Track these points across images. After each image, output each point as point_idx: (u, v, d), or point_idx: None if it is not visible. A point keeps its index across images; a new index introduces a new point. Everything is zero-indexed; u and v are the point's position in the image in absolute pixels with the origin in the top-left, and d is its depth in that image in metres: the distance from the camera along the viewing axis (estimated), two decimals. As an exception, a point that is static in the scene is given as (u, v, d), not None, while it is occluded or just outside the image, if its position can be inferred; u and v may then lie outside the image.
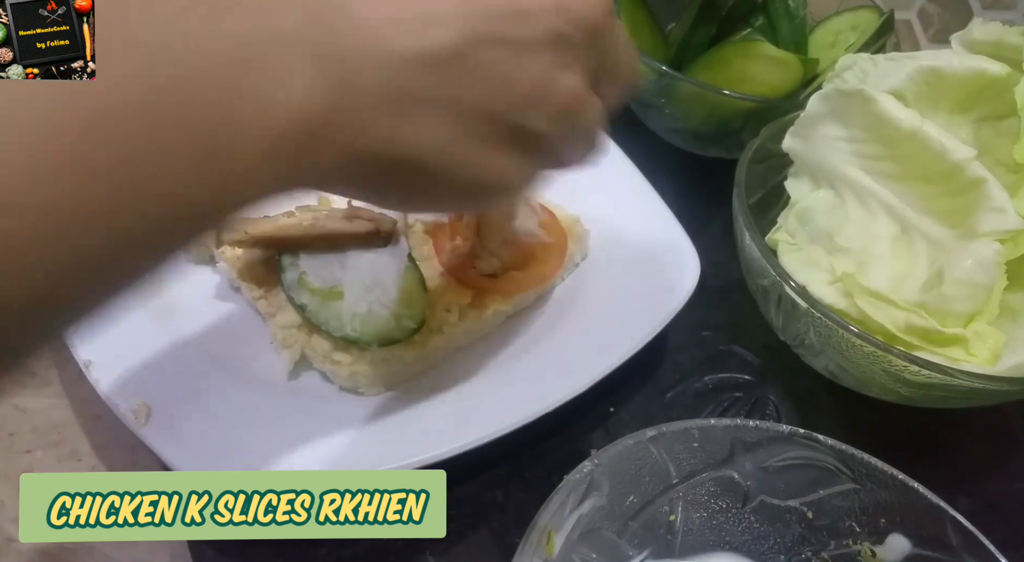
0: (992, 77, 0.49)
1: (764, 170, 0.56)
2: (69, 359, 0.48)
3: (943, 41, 0.73)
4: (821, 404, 0.56)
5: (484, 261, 0.50)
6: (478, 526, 0.46)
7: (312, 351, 0.47)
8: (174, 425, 0.43)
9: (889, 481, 0.38)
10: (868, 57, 0.52)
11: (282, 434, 0.44)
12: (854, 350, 0.46)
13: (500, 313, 0.52)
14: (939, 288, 0.47)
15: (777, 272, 0.48)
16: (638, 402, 0.54)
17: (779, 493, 0.40)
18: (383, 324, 0.46)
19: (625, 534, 0.39)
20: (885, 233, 0.50)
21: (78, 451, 0.48)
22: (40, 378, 0.50)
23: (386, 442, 0.44)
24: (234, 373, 0.46)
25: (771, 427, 0.39)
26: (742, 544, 0.41)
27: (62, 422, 0.49)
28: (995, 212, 0.46)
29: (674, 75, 0.61)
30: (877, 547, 0.39)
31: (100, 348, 0.44)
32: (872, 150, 0.50)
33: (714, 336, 0.59)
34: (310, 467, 0.42)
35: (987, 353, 0.47)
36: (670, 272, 0.55)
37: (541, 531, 0.33)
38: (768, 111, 0.59)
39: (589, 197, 0.60)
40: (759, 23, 0.68)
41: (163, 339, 0.47)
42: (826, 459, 0.39)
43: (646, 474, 0.38)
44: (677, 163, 0.69)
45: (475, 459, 0.44)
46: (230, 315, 0.50)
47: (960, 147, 0.47)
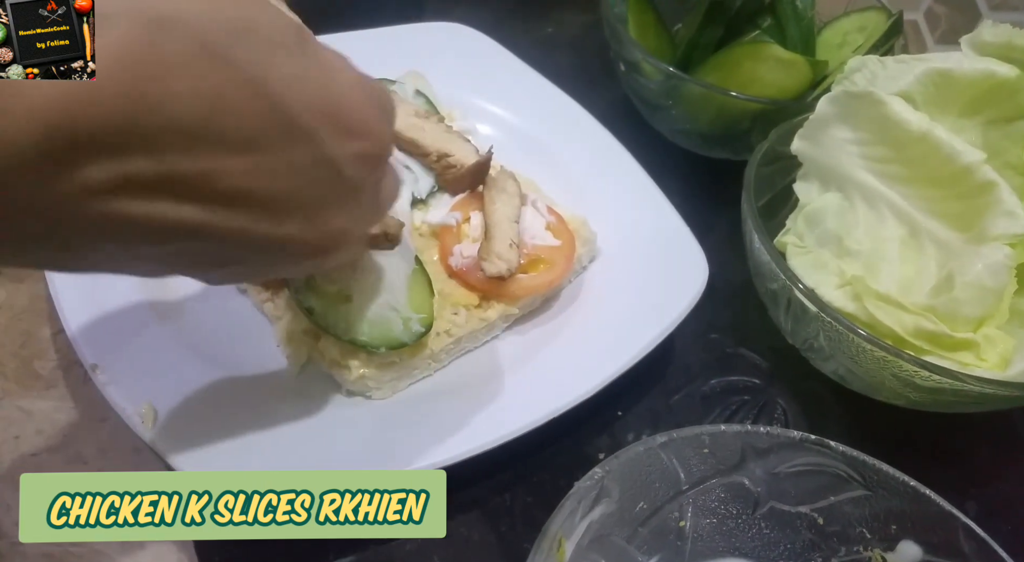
0: (1001, 79, 0.49)
1: (772, 172, 0.56)
2: (74, 361, 0.48)
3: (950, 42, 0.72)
4: (829, 408, 0.56)
5: (491, 264, 0.50)
6: (486, 530, 0.46)
7: (319, 354, 0.47)
8: (180, 429, 0.42)
9: (900, 488, 0.38)
10: (877, 59, 0.52)
11: (289, 438, 0.44)
12: (864, 355, 0.46)
13: (508, 316, 0.52)
14: (949, 292, 0.47)
15: (786, 275, 0.48)
16: (645, 405, 0.54)
17: (789, 499, 0.40)
18: (391, 327, 0.46)
19: (635, 540, 0.39)
20: (894, 236, 0.50)
21: (83, 454, 0.47)
22: (45, 380, 0.50)
23: (393, 446, 0.44)
24: (240, 377, 0.46)
25: (782, 433, 0.39)
26: (752, 550, 0.40)
27: (67, 425, 0.48)
28: (1005, 216, 0.46)
29: (681, 77, 0.61)
30: (888, 554, 0.38)
31: (107, 351, 0.44)
32: (881, 153, 0.50)
33: (721, 339, 0.59)
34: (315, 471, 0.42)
35: (997, 358, 0.47)
36: (678, 274, 0.55)
37: (552, 538, 0.33)
38: (776, 113, 0.59)
39: (596, 199, 0.60)
40: (767, 24, 0.68)
41: (169, 342, 0.46)
42: (837, 465, 0.39)
43: (656, 480, 0.38)
44: (684, 165, 0.69)
45: (482, 463, 0.44)
46: (237, 318, 0.50)
47: (970, 150, 0.47)
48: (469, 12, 0.76)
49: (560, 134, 0.65)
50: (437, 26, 0.72)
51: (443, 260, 0.52)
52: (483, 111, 0.66)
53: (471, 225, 0.54)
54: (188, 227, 0.25)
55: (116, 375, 0.43)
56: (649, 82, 0.64)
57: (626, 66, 0.66)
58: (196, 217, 0.25)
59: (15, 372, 0.50)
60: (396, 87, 0.61)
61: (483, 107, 0.66)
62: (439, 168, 0.56)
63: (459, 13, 0.74)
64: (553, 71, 0.69)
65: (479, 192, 0.55)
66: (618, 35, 0.64)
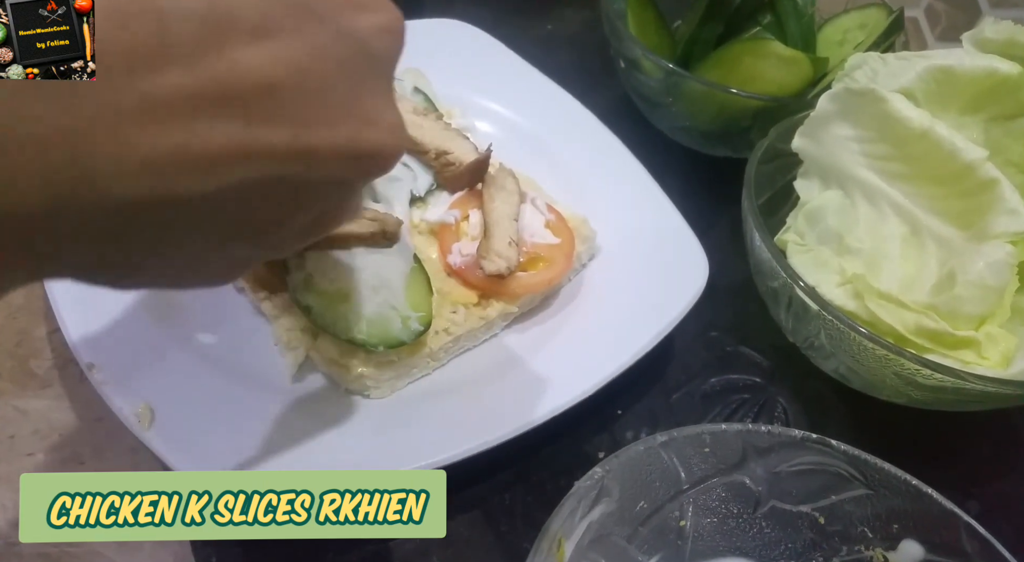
0: (1003, 76, 0.49)
1: (773, 170, 0.56)
2: (70, 360, 0.48)
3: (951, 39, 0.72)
4: (830, 407, 0.56)
5: (490, 262, 0.49)
6: (485, 530, 0.46)
7: (317, 353, 0.47)
8: (177, 428, 0.42)
9: (902, 487, 0.37)
10: (878, 56, 0.52)
11: (287, 438, 0.43)
12: (865, 353, 0.46)
13: (507, 314, 0.52)
14: (950, 290, 0.46)
15: (787, 273, 0.48)
16: (645, 404, 0.54)
17: (790, 498, 0.40)
18: (390, 326, 0.46)
19: (635, 540, 0.38)
20: (895, 234, 0.50)
21: (80, 454, 0.47)
22: (41, 380, 0.50)
23: (392, 445, 0.44)
24: (238, 376, 0.46)
25: (783, 432, 0.39)
26: (753, 550, 0.40)
27: (63, 424, 0.48)
28: (1007, 214, 0.46)
29: (682, 74, 0.60)
30: (890, 553, 0.38)
31: (103, 350, 0.44)
32: (882, 150, 0.50)
33: (722, 337, 0.59)
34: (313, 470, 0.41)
35: (998, 356, 0.47)
36: (678, 272, 0.54)
37: (552, 538, 0.33)
38: (777, 110, 0.59)
39: (596, 197, 0.59)
40: (767, 21, 0.68)
41: (166, 341, 0.46)
42: (838, 464, 0.38)
43: (656, 479, 0.38)
44: (684, 162, 0.69)
45: (481, 462, 0.44)
46: (234, 317, 0.49)
47: (971, 147, 0.46)
48: (468, 9, 0.76)
49: (559, 132, 0.65)
50: (436, 23, 0.72)
51: (442, 258, 0.52)
52: (482, 108, 0.66)
53: (470, 223, 0.53)
54: (235, 150, 0.22)
55: (113, 374, 0.43)
56: (649, 79, 0.64)
57: (626, 63, 0.66)
58: (238, 135, 0.22)
59: (11, 371, 0.50)
60: (395, 84, 0.60)
61: (482, 104, 0.66)
62: (438, 166, 0.55)
63: (458, 10, 0.74)
64: (553, 68, 0.69)
65: (478, 190, 0.55)
66: (618, 32, 0.64)
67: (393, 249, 0.47)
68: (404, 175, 0.55)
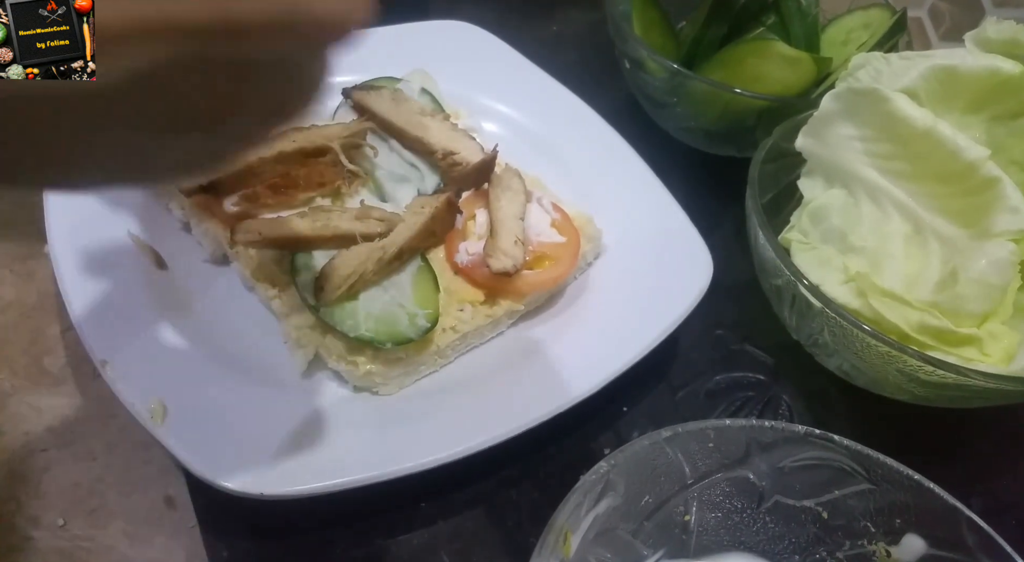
0: (1006, 76, 0.49)
1: (777, 169, 0.56)
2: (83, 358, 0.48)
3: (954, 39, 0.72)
4: (834, 404, 0.56)
5: (497, 260, 0.50)
6: (492, 525, 0.46)
7: (326, 350, 0.47)
8: (189, 424, 0.43)
9: (905, 482, 0.38)
10: (881, 56, 0.52)
11: (297, 433, 0.44)
12: (868, 350, 0.46)
13: (513, 312, 0.52)
14: (953, 288, 0.47)
15: (791, 271, 0.48)
16: (649, 401, 0.54)
17: (794, 493, 0.40)
18: (397, 323, 0.46)
19: (640, 534, 0.39)
20: (898, 232, 0.50)
21: (93, 450, 0.48)
22: (55, 377, 0.50)
23: (400, 441, 0.45)
24: (248, 372, 0.46)
25: (786, 427, 0.39)
26: (757, 544, 0.41)
27: (76, 421, 0.49)
28: (1010, 212, 0.46)
29: (686, 74, 0.61)
30: (892, 547, 0.39)
31: (116, 347, 0.45)
32: (885, 149, 0.50)
33: (726, 335, 0.59)
34: (323, 466, 0.42)
35: (1001, 353, 0.47)
36: (683, 270, 0.55)
37: (558, 532, 0.33)
38: (781, 110, 0.59)
39: (601, 196, 0.60)
40: (771, 22, 0.68)
41: (178, 339, 0.47)
42: (841, 459, 0.39)
43: (661, 474, 0.38)
44: (689, 161, 0.69)
45: (488, 458, 0.44)
46: (244, 315, 0.50)
47: (974, 146, 0.47)
48: (474, 10, 0.76)
49: (565, 132, 0.65)
50: (442, 24, 0.72)
51: (449, 257, 0.53)
52: (488, 109, 0.66)
53: (476, 222, 0.54)
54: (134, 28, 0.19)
55: (125, 371, 0.44)
56: (654, 79, 0.64)
57: (631, 63, 0.66)
58: (135, 8, 0.19)
59: (25, 369, 0.50)
60: (402, 85, 0.61)
61: (488, 105, 0.67)
62: (444, 166, 0.56)
63: (464, 11, 0.75)
64: (558, 69, 0.69)
65: (484, 190, 0.56)
66: (622, 33, 0.64)
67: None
68: (411, 175, 0.56)
